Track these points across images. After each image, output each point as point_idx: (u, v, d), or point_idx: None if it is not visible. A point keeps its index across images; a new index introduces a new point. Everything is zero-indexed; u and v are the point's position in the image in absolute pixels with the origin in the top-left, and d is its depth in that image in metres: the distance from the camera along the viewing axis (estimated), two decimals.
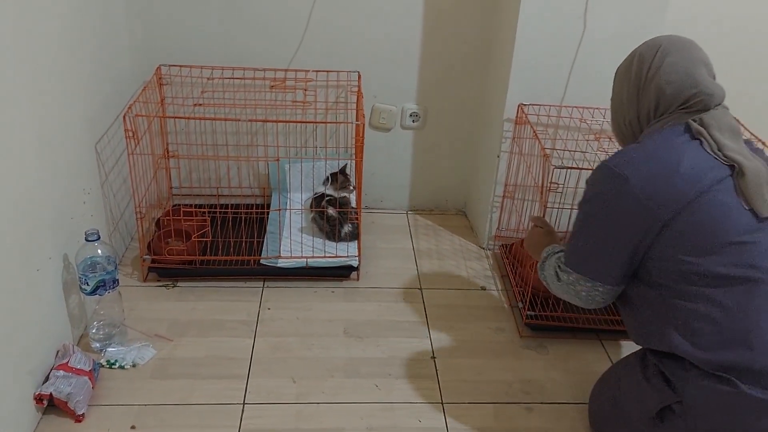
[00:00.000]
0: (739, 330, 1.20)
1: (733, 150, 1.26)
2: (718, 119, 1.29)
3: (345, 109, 2.27)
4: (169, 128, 2.27)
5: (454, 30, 2.21)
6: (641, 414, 1.34)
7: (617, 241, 1.30)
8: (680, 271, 1.25)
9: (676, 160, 1.24)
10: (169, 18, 2.13)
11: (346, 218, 2.10)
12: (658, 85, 1.34)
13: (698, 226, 1.22)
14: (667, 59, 1.34)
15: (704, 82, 1.32)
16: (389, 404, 1.63)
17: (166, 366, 1.69)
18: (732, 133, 1.29)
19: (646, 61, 1.37)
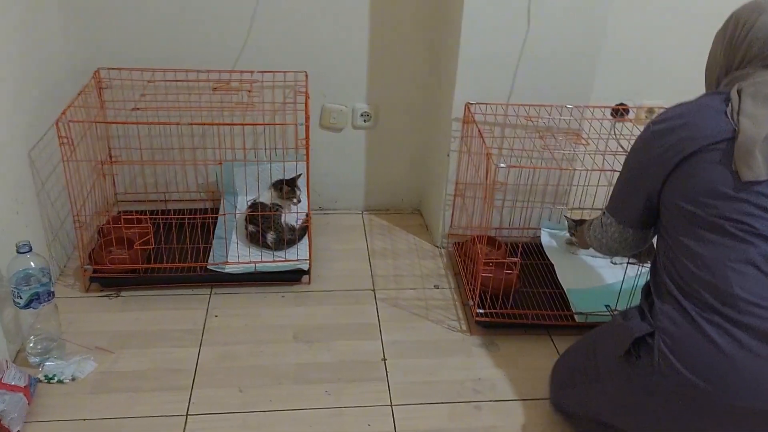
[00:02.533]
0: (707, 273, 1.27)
1: (749, 114, 1.28)
2: (759, 88, 1.31)
3: (293, 110, 2.24)
4: (111, 133, 2.21)
5: (402, 28, 2.19)
6: (616, 353, 1.38)
7: (636, 187, 1.43)
8: (676, 215, 1.35)
9: (694, 120, 1.32)
10: (108, 20, 2.08)
11: (269, 227, 2.03)
12: (748, 42, 1.36)
13: (689, 177, 1.32)
14: (761, 17, 1.35)
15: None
16: (338, 409, 1.60)
17: (106, 379, 1.64)
18: (765, 101, 1.29)
19: (741, 19, 1.39)
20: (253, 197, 2.12)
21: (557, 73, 2.03)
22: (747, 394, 1.18)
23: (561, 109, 2.06)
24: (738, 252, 1.24)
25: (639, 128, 2.23)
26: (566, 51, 2.00)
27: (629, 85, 2.34)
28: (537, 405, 1.64)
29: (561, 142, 2.06)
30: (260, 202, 2.07)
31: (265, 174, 2.11)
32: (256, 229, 2.03)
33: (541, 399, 1.66)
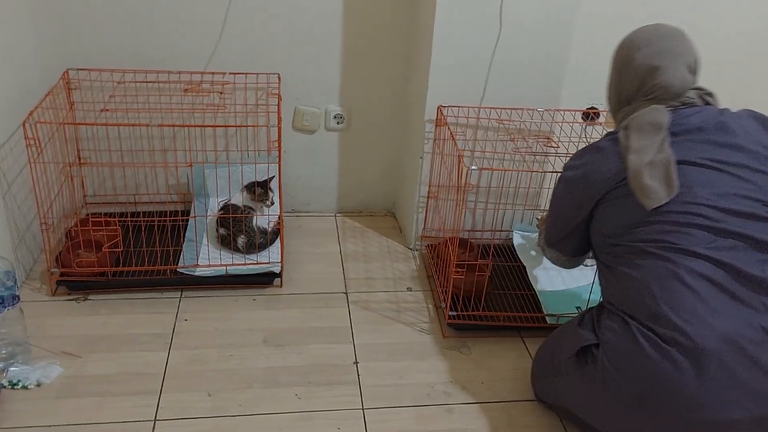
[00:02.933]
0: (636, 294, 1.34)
1: (635, 149, 1.37)
2: (643, 118, 1.39)
3: (265, 112, 2.22)
4: (80, 134, 2.18)
5: (375, 31, 2.19)
6: (570, 354, 1.44)
7: (564, 228, 1.55)
8: (604, 247, 1.46)
9: (596, 167, 1.43)
10: (78, 20, 2.05)
11: (240, 231, 2.02)
12: (627, 79, 1.49)
13: (606, 216, 1.43)
14: (636, 54, 1.46)
15: (664, 75, 1.42)
16: (308, 413, 1.59)
17: (73, 384, 1.61)
18: (653, 129, 1.37)
19: (619, 56, 1.52)
20: (225, 199, 2.10)
21: (528, 76, 2.04)
22: (680, 407, 1.22)
23: (532, 113, 2.07)
24: (661, 269, 1.30)
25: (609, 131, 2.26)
26: (536, 55, 2.02)
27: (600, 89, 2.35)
28: (508, 407, 1.65)
29: (532, 145, 2.07)
30: (231, 204, 2.06)
31: (236, 176, 2.09)
32: (226, 233, 2.02)
33: (513, 401, 1.67)
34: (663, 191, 1.31)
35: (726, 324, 1.23)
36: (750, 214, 1.29)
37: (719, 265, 1.27)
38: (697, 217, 1.29)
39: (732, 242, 1.28)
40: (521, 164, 2.08)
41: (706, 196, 1.30)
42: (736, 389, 1.20)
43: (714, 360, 1.21)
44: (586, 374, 1.38)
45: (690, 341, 1.22)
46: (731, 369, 1.20)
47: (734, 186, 1.31)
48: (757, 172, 1.33)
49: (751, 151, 1.35)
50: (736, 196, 1.30)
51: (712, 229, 1.28)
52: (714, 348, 1.21)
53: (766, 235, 1.28)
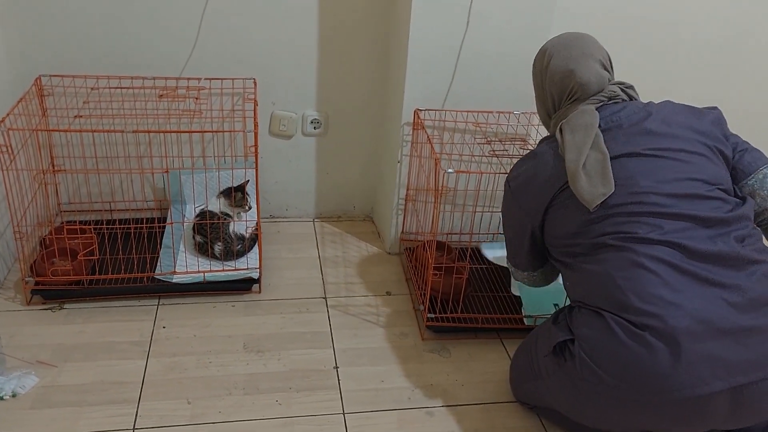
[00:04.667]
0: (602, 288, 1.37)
1: (571, 147, 1.42)
2: (574, 121, 1.45)
3: (241, 117, 2.21)
4: (54, 141, 2.15)
5: (351, 35, 2.19)
6: (545, 350, 1.47)
7: (521, 239, 1.58)
8: (562, 249, 1.49)
9: (540, 171, 1.49)
10: (50, 25, 2.02)
11: (217, 238, 2.00)
12: (548, 89, 1.56)
13: (558, 220, 1.47)
14: (551, 62, 1.53)
15: (580, 74, 1.49)
16: (289, 419, 1.59)
17: (49, 394, 1.59)
18: (585, 130, 1.42)
19: (537, 67, 1.59)
20: (201, 205, 2.09)
21: (504, 80, 2.06)
22: (660, 389, 1.24)
23: (508, 116, 2.09)
24: (622, 260, 1.33)
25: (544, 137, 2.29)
26: (512, 60, 2.04)
27: None
28: (489, 409, 1.66)
29: (508, 148, 2.09)
30: (208, 210, 2.04)
31: (213, 182, 2.08)
32: (204, 240, 2.00)
33: (494, 403, 1.68)
34: (600, 188, 1.36)
35: (692, 302, 1.26)
36: (693, 195, 1.35)
37: (675, 247, 1.31)
38: (646, 205, 1.34)
39: (682, 224, 1.33)
40: (498, 167, 2.09)
41: (650, 184, 1.36)
42: (711, 363, 1.23)
43: (686, 338, 1.23)
44: (566, 371, 1.39)
45: (662, 323, 1.25)
46: (704, 344, 1.23)
47: (674, 170, 1.37)
48: (693, 153, 1.40)
49: (683, 136, 1.41)
50: (677, 180, 1.36)
51: (661, 214, 1.33)
52: (685, 327, 1.24)
53: (710, 212, 1.34)
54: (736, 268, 1.30)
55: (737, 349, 1.24)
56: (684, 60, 2.42)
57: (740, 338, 1.25)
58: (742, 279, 1.29)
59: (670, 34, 2.36)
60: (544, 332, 1.52)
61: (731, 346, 1.24)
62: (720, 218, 1.34)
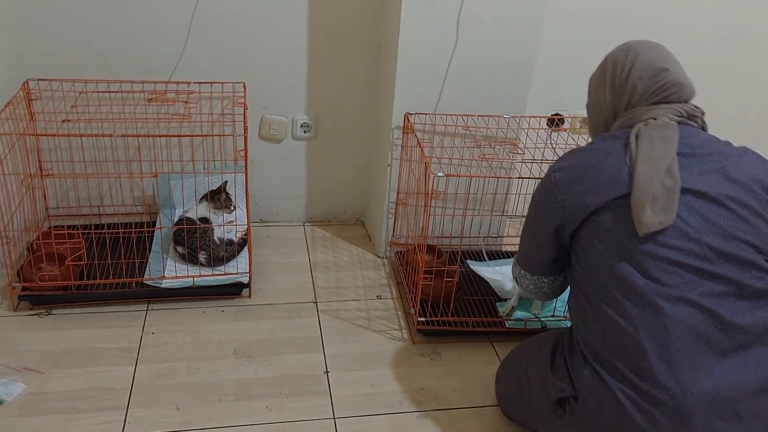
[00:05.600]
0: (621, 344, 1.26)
1: (646, 157, 1.28)
2: (656, 131, 1.30)
3: (231, 121, 2.21)
4: (42, 145, 2.13)
5: (341, 39, 2.19)
6: (544, 401, 1.40)
7: (544, 238, 1.42)
8: (589, 276, 1.34)
9: (595, 173, 1.33)
10: (37, 29, 2.01)
11: (199, 246, 1.98)
12: (632, 83, 1.38)
13: (590, 241, 1.32)
14: (639, 57, 1.39)
15: (676, 74, 1.36)
16: (280, 424, 1.58)
17: (36, 401, 1.57)
18: (664, 145, 1.28)
19: (619, 62, 1.42)
20: (180, 214, 2.06)
21: (494, 84, 2.06)
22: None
23: (498, 119, 2.09)
24: (649, 319, 1.23)
25: (573, 138, 2.30)
26: (502, 63, 2.04)
27: (564, 95, 2.40)
28: (480, 412, 1.66)
29: (498, 152, 2.09)
30: (186, 218, 2.02)
31: (202, 186, 2.07)
32: (185, 251, 1.99)
33: (485, 406, 1.68)
34: (660, 216, 1.23)
35: (710, 381, 1.19)
36: (742, 259, 1.23)
37: (706, 313, 1.21)
38: (689, 256, 1.23)
39: (720, 288, 1.23)
40: (488, 170, 2.10)
41: (704, 233, 1.23)
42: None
43: (696, 421, 1.18)
44: (565, 423, 1.35)
45: (673, 400, 1.19)
46: (712, 425, 1.18)
47: (735, 226, 1.24)
48: (758, 215, 1.26)
49: (754, 192, 1.27)
50: (734, 238, 1.24)
51: (701, 271, 1.23)
52: (696, 408, 1.18)
53: (753, 281, 1.23)
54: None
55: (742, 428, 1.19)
56: None
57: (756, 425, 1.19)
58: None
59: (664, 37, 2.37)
60: (538, 372, 1.44)
61: (737, 427, 1.19)
62: (760, 290, 1.23)
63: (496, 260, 2.20)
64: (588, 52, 2.33)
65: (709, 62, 2.44)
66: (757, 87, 2.53)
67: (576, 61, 2.35)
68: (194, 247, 1.97)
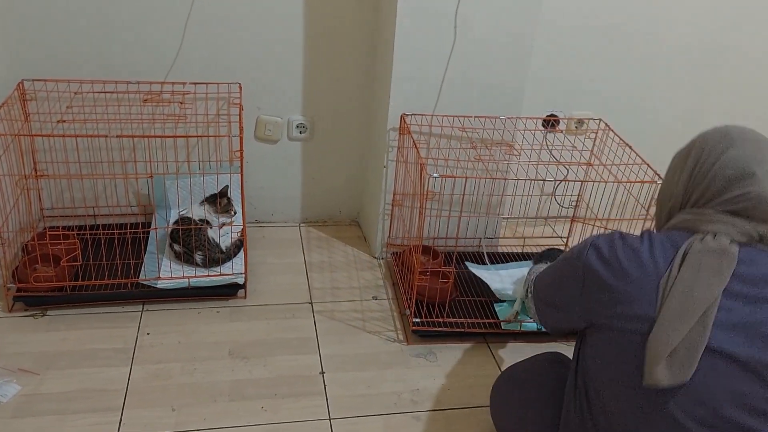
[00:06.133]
0: None
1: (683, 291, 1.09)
2: (706, 256, 1.10)
3: (227, 122, 2.20)
4: (37, 146, 2.13)
5: (337, 40, 2.19)
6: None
7: (560, 307, 1.30)
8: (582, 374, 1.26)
9: (629, 289, 1.14)
10: (32, 29, 2.01)
11: (195, 246, 1.97)
12: (711, 177, 1.17)
13: (595, 355, 1.20)
14: (731, 149, 1.16)
15: (761, 184, 1.11)
16: (275, 425, 1.58)
17: (31, 402, 1.57)
18: (710, 277, 1.09)
19: (707, 149, 1.19)
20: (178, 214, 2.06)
21: (490, 85, 2.07)
22: None
23: (494, 121, 2.09)
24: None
25: (570, 139, 2.30)
26: (497, 65, 2.05)
27: (559, 96, 2.40)
28: (476, 413, 1.66)
29: (494, 153, 2.10)
30: (185, 217, 2.02)
31: (198, 187, 2.07)
32: (182, 250, 1.99)
33: (480, 407, 1.68)
34: (671, 375, 1.07)
35: None
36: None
37: None
38: (696, 422, 1.08)
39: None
40: (483, 172, 2.10)
41: (723, 402, 1.07)
42: None
43: None
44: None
45: None
46: None
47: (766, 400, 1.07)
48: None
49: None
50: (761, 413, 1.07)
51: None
52: None
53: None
54: None
55: None
56: (665, 67, 2.44)
57: None
58: None
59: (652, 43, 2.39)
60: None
61: None
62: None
63: (497, 264, 2.20)
64: (582, 54, 2.36)
65: (697, 64, 2.45)
66: (743, 89, 2.55)
67: (571, 63, 2.36)
68: (191, 247, 1.97)
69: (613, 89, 2.43)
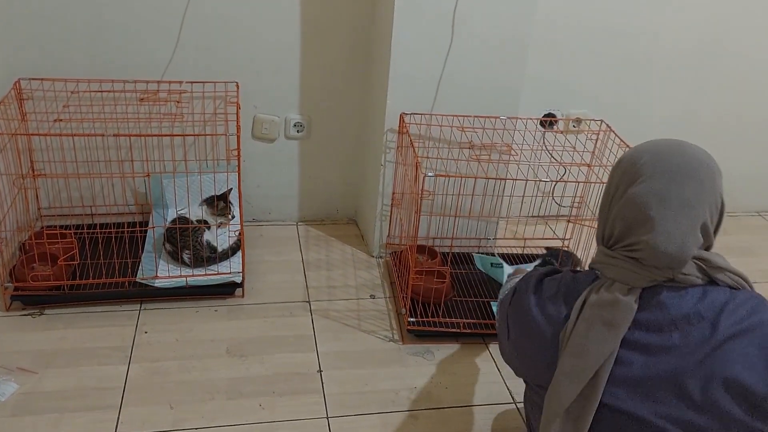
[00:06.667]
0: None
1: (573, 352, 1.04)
2: (601, 310, 1.03)
3: (224, 120, 2.21)
4: (34, 145, 2.13)
5: (334, 40, 2.20)
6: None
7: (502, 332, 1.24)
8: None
9: (528, 333, 1.13)
10: (29, 29, 2.01)
11: (183, 246, 1.97)
12: (615, 215, 1.07)
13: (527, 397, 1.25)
14: (635, 185, 1.04)
15: (657, 235, 1.00)
16: (272, 423, 1.58)
17: (29, 401, 1.57)
18: (607, 328, 1.02)
19: (616, 178, 1.09)
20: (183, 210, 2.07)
21: (487, 84, 2.07)
22: None
23: (494, 121, 2.10)
24: None
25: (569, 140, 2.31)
26: (495, 64, 2.05)
27: (556, 95, 2.41)
28: (473, 411, 1.67)
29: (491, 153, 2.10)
30: (183, 216, 2.02)
31: (195, 186, 2.07)
32: (172, 248, 1.99)
33: (478, 405, 1.69)
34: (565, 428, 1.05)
35: None
36: None
37: None
38: None
39: None
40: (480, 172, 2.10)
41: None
42: None
43: None
44: None
45: None
46: None
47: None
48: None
49: (717, 408, 0.98)
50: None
51: None
52: None
53: None
54: None
55: None
56: (662, 67, 2.45)
57: None
58: None
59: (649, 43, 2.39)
60: None
61: None
62: None
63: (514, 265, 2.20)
64: (578, 53, 2.37)
65: (694, 64, 2.46)
66: (741, 90, 2.56)
67: (568, 62, 2.37)
68: (180, 246, 1.97)
69: (610, 89, 2.44)
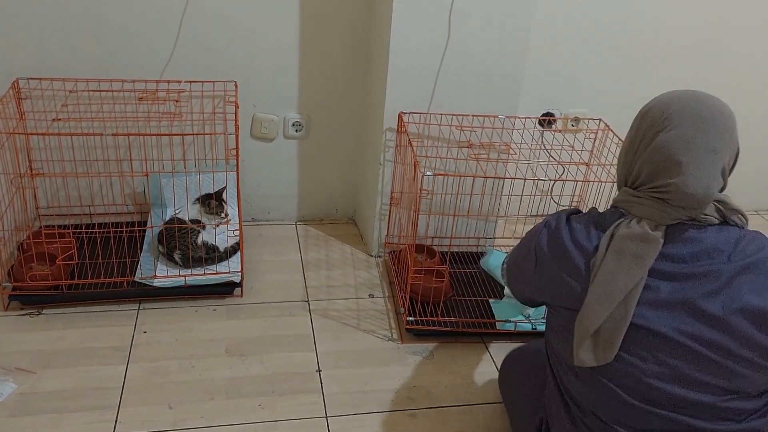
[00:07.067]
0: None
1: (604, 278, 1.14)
2: (629, 243, 1.13)
3: (222, 120, 2.20)
4: (32, 145, 2.12)
5: (333, 38, 2.19)
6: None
7: (523, 280, 1.34)
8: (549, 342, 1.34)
9: (562, 259, 1.21)
10: (27, 28, 2.00)
11: (172, 246, 1.97)
12: (644, 160, 1.16)
13: (551, 329, 1.30)
14: (663, 133, 1.13)
15: (687, 178, 1.09)
16: (272, 423, 1.58)
17: (28, 401, 1.57)
18: (631, 265, 1.12)
19: (643, 126, 1.18)
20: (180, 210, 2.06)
21: (485, 83, 2.07)
22: None
23: (493, 120, 2.09)
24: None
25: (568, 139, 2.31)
26: (493, 62, 2.05)
27: (555, 94, 2.41)
28: (472, 411, 1.67)
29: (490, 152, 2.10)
30: (177, 217, 2.02)
31: (193, 185, 2.07)
32: (164, 249, 1.99)
33: (477, 404, 1.68)
34: (595, 355, 1.14)
35: None
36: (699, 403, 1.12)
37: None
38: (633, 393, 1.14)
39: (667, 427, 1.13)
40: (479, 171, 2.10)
41: (653, 375, 1.12)
42: None
43: None
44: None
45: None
46: None
47: (698, 368, 1.11)
48: (729, 356, 1.10)
49: (732, 329, 1.09)
50: (693, 381, 1.11)
51: (646, 412, 1.14)
52: None
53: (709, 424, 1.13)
54: None
55: None
56: (661, 65, 2.44)
57: None
58: None
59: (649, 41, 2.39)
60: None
61: None
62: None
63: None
64: (578, 53, 2.36)
65: (690, 64, 2.46)
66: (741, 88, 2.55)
67: (567, 62, 2.37)
68: (171, 246, 1.97)
69: (609, 88, 2.44)
